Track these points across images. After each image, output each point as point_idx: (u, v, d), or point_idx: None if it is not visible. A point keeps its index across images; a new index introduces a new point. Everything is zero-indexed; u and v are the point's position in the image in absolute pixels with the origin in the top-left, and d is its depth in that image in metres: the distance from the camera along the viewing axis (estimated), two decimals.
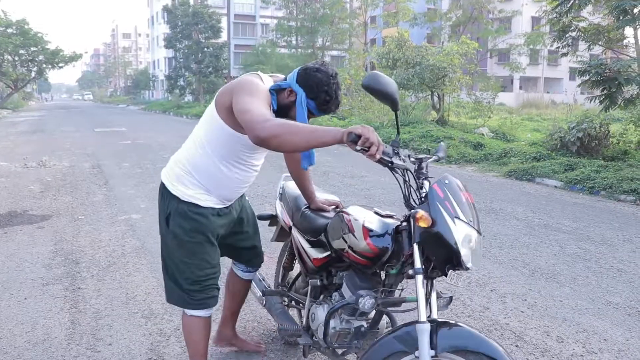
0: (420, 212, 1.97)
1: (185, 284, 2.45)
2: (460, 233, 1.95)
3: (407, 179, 2.12)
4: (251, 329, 3.40)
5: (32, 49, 40.49)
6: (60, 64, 42.63)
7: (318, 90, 2.25)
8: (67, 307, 3.74)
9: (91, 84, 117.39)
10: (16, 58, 40.45)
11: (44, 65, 42.49)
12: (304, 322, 2.71)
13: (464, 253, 1.95)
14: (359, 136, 1.86)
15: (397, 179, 2.15)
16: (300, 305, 2.89)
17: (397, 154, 2.08)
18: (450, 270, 2.05)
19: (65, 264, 4.65)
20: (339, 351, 2.52)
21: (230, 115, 2.22)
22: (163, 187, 2.47)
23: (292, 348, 3.14)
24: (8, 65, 39.41)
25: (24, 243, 5.27)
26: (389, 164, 2.02)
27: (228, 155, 2.36)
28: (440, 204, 1.98)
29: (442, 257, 2.00)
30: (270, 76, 2.40)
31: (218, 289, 2.54)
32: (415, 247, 2.01)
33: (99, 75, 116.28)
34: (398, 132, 2.26)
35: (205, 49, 38.79)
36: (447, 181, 2.05)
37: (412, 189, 2.14)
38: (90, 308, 3.72)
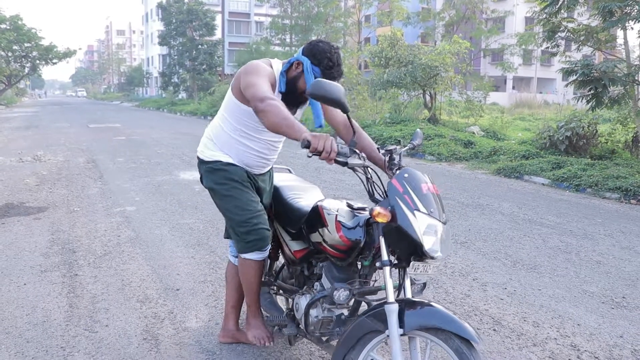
0: (377, 209, 2.07)
1: (237, 229, 2.72)
2: (422, 225, 2.05)
3: (369, 175, 2.23)
4: (241, 313, 3.54)
5: (26, 44, 40.39)
6: (54, 60, 42.57)
7: (321, 57, 2.54)
8: (65, 292, 3.88)
9: (85, 80, 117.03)
10: (9, 54, 40.32)
11: (38, 61, 42.40)
12: (288, 311, 2.85)
13: (428, 243, 2.04)
14: (310, 143, 2.02)
15: (358, 176, 2.28)
16: (287, 293, 3.03)
17: (355, 152, 2.18)
18: (413, 262, 2.14)
19: (62, 252, 4.80)
20: (323, 338, 2.66)
21: (240, 93, 2.62)
22: (201, 170, 2.90)
23: (281, 336, 3.29)
24: (1, 61, 39.27)
25: (22, 233, 5.40)
26: (344, 165, 2.12)
27: (239, 125, 2.72)
28: (399, 198, 2.09)
29: (407, 248, 2.11)
30: (282, 62, 2.73)
31: (268, 230, 2.73)
32: (382, 240, 2.13)
33: (92, 71, 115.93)
34: (354, 133, 2.33)
35: (200, 47, 38.86)
36: (406, 175, 2.16)
37: (375, 185, 2.26)
38: (87, 293, 3.86)
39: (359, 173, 2.25)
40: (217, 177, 2.76)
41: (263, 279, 3.24)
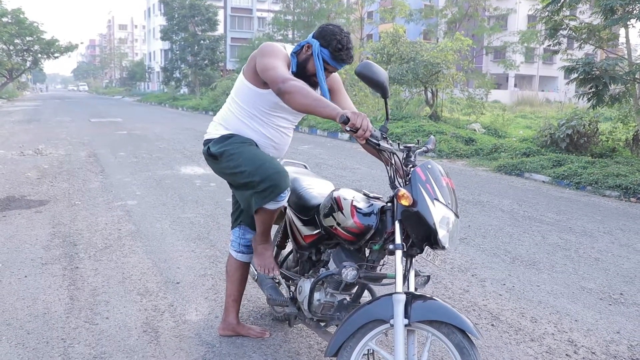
0: (402, 191, 2.15)
1: (251, 180, 2.61)
2: (439, 214, 2.13)
3: (392, 161, 2.31)
4: (241, 306, 3.56)
5: (28, 38, 40.37)
6: (56, 54, 42.53)
7: (330, 39, 2.54)
8: (66, 284, 3.90)
9: (86, 75, 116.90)
10: (11, 47, 40.29)
11: (39, 55, 42.38)
12: (291, 295, 2.89)
13: (441, 233, 2.13)
14: (349, 119, 2.12)
15: (383, 160, 2.35)
16: (290, 281, 3.06)
17: (385, 138, 2.30)
18: (427, 247, 2.24)
19: (63, 245, 4.82)
20: (322, 323, 2.70)
21: (254, 75, 2.65)
22: (204, 148, 2.83)
23: (280, 323, 3.32)
24: (3, 55, 39.23)
25: (23, 226, 5.42)
26: (376, 146, 2.24)
27: (250, 108, 2.73)
28: (421, 186, 2.16)
29: (421, 235, 2.18)
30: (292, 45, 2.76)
31: (284, 172, 2.61)
32: (397, 224, 2.20)
33: (94, 66, 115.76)
34: (387, 118, 2.49)
35: (202, 42, 38.79)
36: (429, 166, 2.24)
37: (397, 172, 2.32)
38: (88, 286, 3.89)
39: (384, 158, 2.34)
40: (227, 141, 2.73)
41: None
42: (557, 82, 46.19)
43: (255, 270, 3.12)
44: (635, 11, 9.11)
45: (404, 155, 2.37)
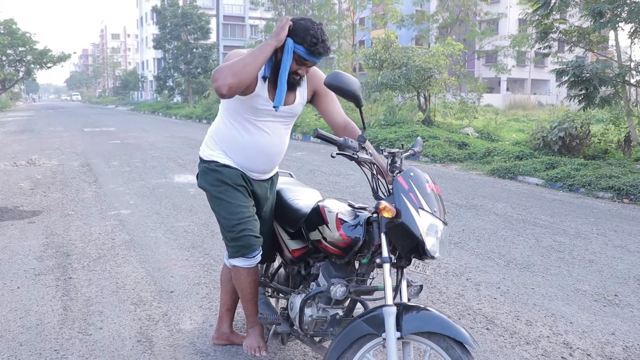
0: (383, 203, 2.09)
1: (225, 233, 2.71)
2: (425, 223, 2.07)
3: (374, 172, 2.26)
4: (235, 315, 3.55)
5: (20, 48, 40.22)
6: (49, 64, 42.38)
7: (304, 34, 2.43)
8: (59, 295, 3.88)
9: (79, 84, 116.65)
10: (4, 58, 40.13)
11: (32, 66, 42.20)
12: (281, 311, 2.85)
13: (429, 243, 2.06)
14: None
15: (364, 172, 2.30)
16: (281, 295, 3.03)
17: (364, 148, 2.22)
18: (414, 259, 2.17)
19: (56, 256, 4.79)
20: (317, 339, 2.66)
21: None
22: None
23: (275, 338, 3.30)
24: None
25: (16, 237, 5.39)
26: (355, 158, 2.16)
27: (235, 116, 2.67)
28: (404, 195, 2.10)
29: (408, 246, 2.12)
30: None
31: (256, 237, 2.66)
32: (383, 237, 2.14)
33: (87, 75, 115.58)
34: (364, 128, 2.39)
35: (194, 50, 38.84)
36: (412, 173, 2.18)
37: (379, 181, 2.28)
38: (81, 296, 3.86)
39: (365, 169, 2.27)
40: (211, 178, 2.71)
41: (259, 279, 3.25)
42: (549, 85, 46.39)
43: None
44: (623, 14, 9.18)
45: (389, 162, 2.33)
